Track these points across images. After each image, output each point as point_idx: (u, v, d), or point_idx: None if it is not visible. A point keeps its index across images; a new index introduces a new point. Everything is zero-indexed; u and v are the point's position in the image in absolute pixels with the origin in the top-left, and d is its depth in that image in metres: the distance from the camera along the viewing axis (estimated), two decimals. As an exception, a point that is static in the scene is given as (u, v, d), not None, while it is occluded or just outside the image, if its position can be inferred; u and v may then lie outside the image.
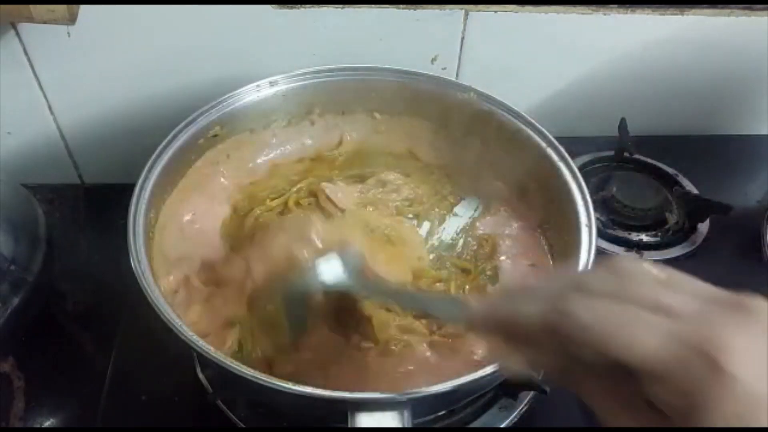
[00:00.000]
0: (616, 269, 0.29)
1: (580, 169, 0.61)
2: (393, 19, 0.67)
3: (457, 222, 0.63)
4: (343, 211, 0.61)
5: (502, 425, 0.55)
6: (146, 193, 0.52)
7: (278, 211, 0.62)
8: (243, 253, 0.55)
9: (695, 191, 0.75)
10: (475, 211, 0.64)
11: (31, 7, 0.52)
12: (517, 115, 0.59)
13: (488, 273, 0.58)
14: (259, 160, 0.65)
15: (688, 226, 0.72)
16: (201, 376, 0.56)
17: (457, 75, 0.73)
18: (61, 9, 0.54)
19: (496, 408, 0.56)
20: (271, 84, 0.61)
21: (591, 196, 0.53)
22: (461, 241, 0.61)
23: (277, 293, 0.50)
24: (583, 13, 0.70)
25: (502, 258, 0.59)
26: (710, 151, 0.82)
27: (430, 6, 0.66)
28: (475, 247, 0.60)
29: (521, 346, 0.31)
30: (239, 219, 0.61)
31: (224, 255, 0.57)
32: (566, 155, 0.56)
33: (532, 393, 0.56)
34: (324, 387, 0.41)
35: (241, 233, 0.59)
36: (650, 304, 0.26)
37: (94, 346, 0.62)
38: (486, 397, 0.56)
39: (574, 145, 0.59)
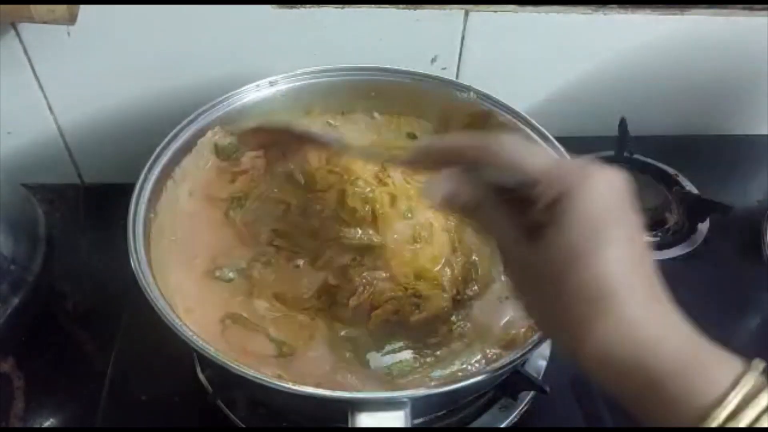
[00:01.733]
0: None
1: (580, 169, 0.61)
2: (393, 19, 0.67)
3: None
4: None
5: (502, 425, 0.55)
6: (146, 193, 0.52)
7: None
8: None
9: (695, 191, 0.75)
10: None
11: (31, 7, 0.52)
12: (517, 115, 0.59)
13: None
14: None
15: (688, 226, 0.72)
16: (201, 376, 0.56)
17: (457, 75, 0.73)
18: (61, 9, 0.54)
19: (496, 408, 0.56)
20: (271, 84, 0.61)
21: (591, 196, 0.53)
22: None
23: None
24: (583, 13, 0.70)
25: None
26: (710, 151, 0.82)
27: (430, 6, 0.66)
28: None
29: (452, 175, 0.39)
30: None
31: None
32: (566, 155, 0.56)
33: (532, 393, 0.56)
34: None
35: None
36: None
37: (94, 346, 0.62)
38: (486, 397, 0.56)
39: (574, 145, 0.59)
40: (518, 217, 0.38)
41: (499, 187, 0.38)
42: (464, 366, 0.50)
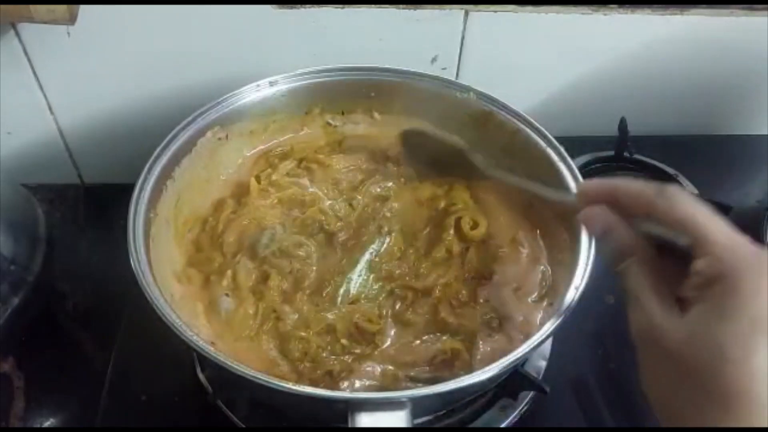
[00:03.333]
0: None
1: (580, 169, 0.61)
2: (393, 19, 0.67)
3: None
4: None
5: (502, 425, 0.55)
6: (146, 193, 0.52)
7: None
8: None
9: (695, 191, 0.75)
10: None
11: (31, 7, 0.53)
12: (517, 115, 0.59)
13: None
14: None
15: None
16: (201, 376, 0.56)
17: (457, 75, 0.73)
18: (61, 9, 0.54)
19: (496, 408, 0.56)
20: (271, 84, 0.61)
21: (591, 196, 0.53)
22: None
23: None
24: (583, 13, 0.70)
25: (500, 252, 0.59)
26: (710, 151, 0.82)
27: (430, 6, 0.66)
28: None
29: (612, 214, 0.37)
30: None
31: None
32: (566, 155, 0.56)
33: (532, 393, 0.56)
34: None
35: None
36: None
37: (94, 346, 0.62)
38: (486, 397, 0.56)
39: (574, 145, 0.59)
40: (666, 283, 0.35)
41: (657, 245, 0.36)
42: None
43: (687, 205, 0.34)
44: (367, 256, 0.57)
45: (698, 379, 0.31)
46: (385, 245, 0.58)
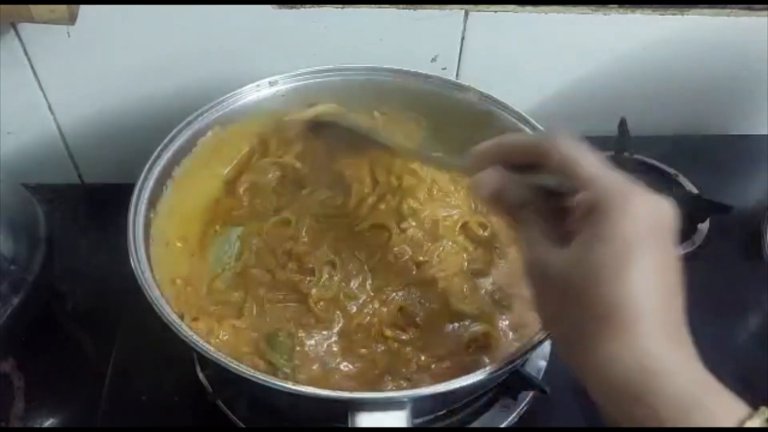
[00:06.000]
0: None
1: (580, 169, 0.61)
2: (393, 19, 0.67)
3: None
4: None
5: (502, 425, 0.55)
6: (146, 193, 0.52)
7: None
8: None
9: (695, 191, 0.75)
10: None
11: (31, 7, 0.52)
12: (517, 115, 0.59)
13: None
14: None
15: (688, 226, 0.72)
16: (201, 376, 0.56)
17: (457, 75, 0.73)
18: (61, 9, 0.54)
19: (496, 408, 0.56)
20: (271, 84, 0.61)
21: (591, 196, 0.53)
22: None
23: None
24: (583, 13, 0.70)
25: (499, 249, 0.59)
26: (710, 151, 0.82)
27: (430, 6, 0.66)
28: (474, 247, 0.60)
29: (500, 172, 0.40)
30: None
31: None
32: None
33: (532, 393, 0.56)
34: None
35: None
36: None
37: (94, 346, 0.62)
38: (486, 397, 0.56)
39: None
40: (554, 224, 0.38)
41: (544, 191, 0.38)
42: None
43: (567, 150, 0.38)
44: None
45: (579, 302, 0.34)
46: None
